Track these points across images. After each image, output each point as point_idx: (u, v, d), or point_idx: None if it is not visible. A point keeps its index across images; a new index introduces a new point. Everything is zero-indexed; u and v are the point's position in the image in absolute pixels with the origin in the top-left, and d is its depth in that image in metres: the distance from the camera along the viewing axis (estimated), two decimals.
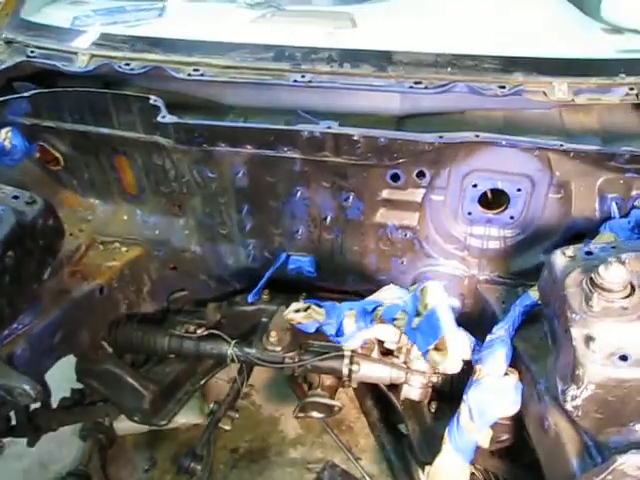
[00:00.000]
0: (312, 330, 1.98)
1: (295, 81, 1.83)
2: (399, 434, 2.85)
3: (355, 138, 1.72)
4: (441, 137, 1.70)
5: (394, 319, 1.90)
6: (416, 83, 1.80)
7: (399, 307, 1.89)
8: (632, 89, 1.81)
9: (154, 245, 2.29)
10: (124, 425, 2.78)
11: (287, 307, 2.28)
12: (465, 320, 2.12)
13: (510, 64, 1.85)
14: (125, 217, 2.30)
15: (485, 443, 1.78)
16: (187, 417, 2.95)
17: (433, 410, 2.27)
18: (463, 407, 1.77)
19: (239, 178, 1.94)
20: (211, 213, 2.10)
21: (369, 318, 1.89)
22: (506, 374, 1.79)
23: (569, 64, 1.88)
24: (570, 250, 1.63)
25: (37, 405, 2.43)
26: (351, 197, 1.92)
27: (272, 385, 3.19)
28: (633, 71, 1.85)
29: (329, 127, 1.72)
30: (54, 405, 2.54)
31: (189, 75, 1.87)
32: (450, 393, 2.17)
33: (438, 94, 1.81)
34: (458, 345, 1.75)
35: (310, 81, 1.83)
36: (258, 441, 3.03)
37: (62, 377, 2.40)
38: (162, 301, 2.47)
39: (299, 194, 1.95)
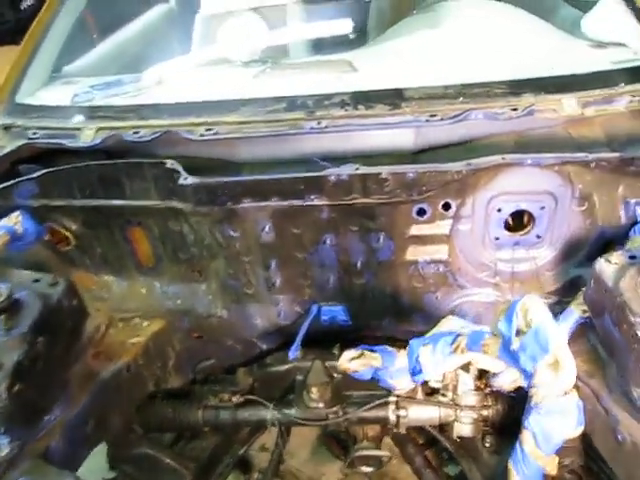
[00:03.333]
0: (368, 377, 1.90)
1: (312, 128, 1.82)
2: (447, 477, 2.73)
3: (383, 176, 1.70)
4: (469, 164, 1.70)
5: (483, 345, 1.78)
6: (432, 116, 1.80)
7: (485, 332, 1.79)
8: (634, 96, 1.85)
9: (177, 315, 2.20)
10: None
11: (322, 361, 2.22)
12: None
13: (519, 86, 1.88)
14: (143, 290, 2.22)
15: (553, 469, 1.72)
16: None
17: (488, 445, 2.19)
18: (526, 434, 1.71)
19: (265, 233, 1.89)
20: (236, 274, 2.04)
21: (448, 350, 1.80)
22: (565, 393, 1.75)
23: (573, 80, 1.92)
24: (614, 257, 1.62)
25: None
26: (381, 238, 1.89)
27: (306, 448, 3.05)
28: (631, 79, 1.90)
29: (357, 168, 1.70)
30: None
31: (201, 135, 1.84)
32: (503, 425, 2.11)
33: (453, 124, 1.81)
34: (571, 361, 1.62)
35: (326, 126, 1.82)
36: None
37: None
38: (188, 373, 2.36)
39: (328, 242, 1.91)
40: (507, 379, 1.94)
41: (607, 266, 1.61)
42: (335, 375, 2.20)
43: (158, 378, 2.23)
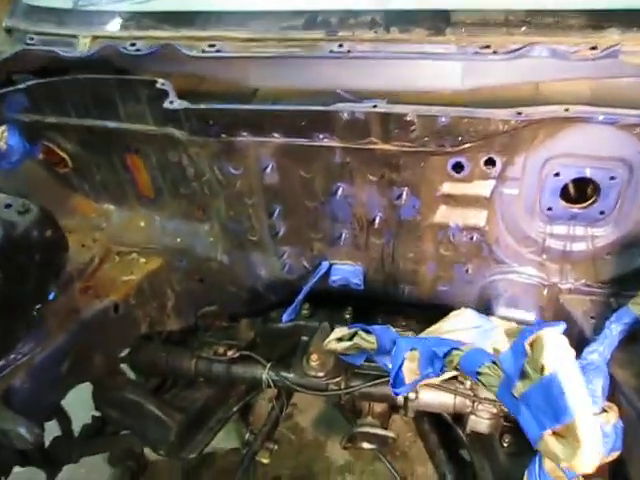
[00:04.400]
0: (360, 362, 1.64)
1: (331, 51, 1.50)
2: (462, 462, 2.48)
3: (408, 118, 1.37)
4: (520, 113, 1.34)
5: (478, 373, 1.44)
6: (483, 48, 1.44)
7: (487, 356, 1.45)
8: None
9: (176, 255, 2.00)
10: None
11: (331, 323, 1.97)
12: None
13: (601, 19, 1.47)
14: (142, 223, 2.02)
15: None
16: (224, 441, 2.66)
17: (506, 444, 1.91)
18: None
19: (267, 174, 1.62)
20: (238, 217, 1.79)
21: (439, 364, 1.49)
22: (603, 410, 1.44)
23: None
24: None
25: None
26: (405, 193, 1.57)
27: (317, 405, 2.86)
28: None
29: (375, 105, 1.37)
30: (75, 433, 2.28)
31: (203, 52, 1.56)
32: None
33: (510, 60, 1.44)
34: (595, 436, 1.22)
35: (349, 51, 1.49)
36: (302, 468, 2.71)
37: (83, 401, 2.15)
38: (189, 317, 2.18)
39: (341, 191, 1.61)
40: None
41: None
42: None
43: (153, 319, 2.06)
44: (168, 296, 2.08)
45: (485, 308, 1.81)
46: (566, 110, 1.35)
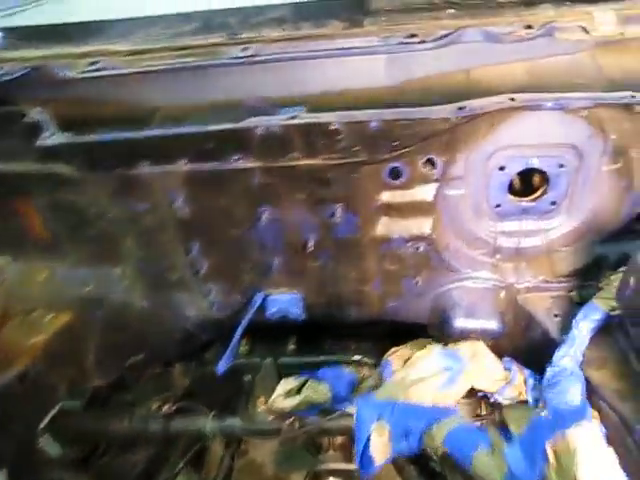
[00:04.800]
0: (313, 415, 1.43)
1: (235, 57, 1.29)
2: (433, 475, 2.32)
3: (334, 127, 1.18)
4: (461, 108, 1.17)
5: (472, 457, 1.22)
6: (408, 37, 1.26)
7: (481, 437, 1.24)
8: None
9: (88, 305, 1.73)
10: None
11: (274, 358, 1.76)
12: (507, 344, 1.63)
13: None
14: (44, 275, 1.73)
15: None
16: None
17: None
18: None
19: (179, 207, 1.39)
20: (152, 256, 1.56)
21: (415, 440, 1.28)
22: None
23: None
24: None
25: None
26: (338, 210, 1.38)
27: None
28: None
29: (293, 116, 1.17)
30: None
31: (83, 72, 1.31)
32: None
33: (440, 49, 1.27)
34: None
35: (255, 54, 1.28)
36: None
37: None
38: (115, 370, 1.91)
39: (266, 216, 1.40)
40: (509, 395, 1.49)
41: None
42: None
43: (73, 381, 1.78)
44: (86, 352, 1.81)
45: (441, 321, 1.64)
46: (512, 100, 1.19)
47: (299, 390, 1.42)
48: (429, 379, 1.27)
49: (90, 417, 1.85)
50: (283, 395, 1.41)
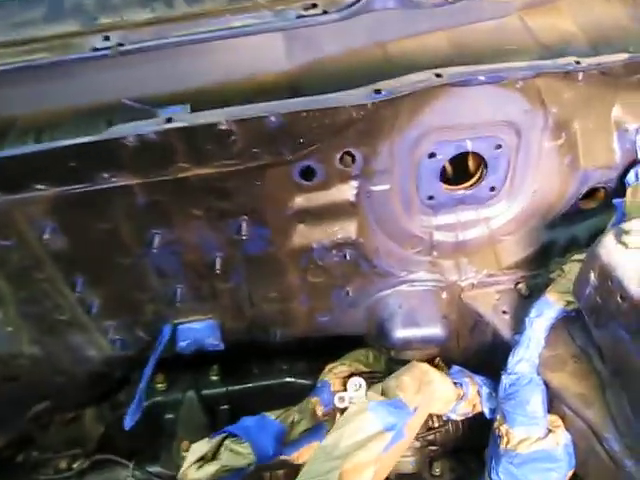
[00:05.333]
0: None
1: (95, 49, 1.03)
2: None
3: (223, 127, 0.94)
4: (379, 91, 0.96)
5: None
6: (308, 8, 1.03)
7: None
8: None
9: None
10: None
11: (196, 391, 1.53)
12: (455, 349, 1.46)
13: None
14: None
15: None
16: None
17: (438, 473, 1.60)
18: None
19: (49, 239, 1.12)
20: (33, 298, 1.28)
21: None
22: (549, 431, 1.15)
23: None
24: (629, 235, 0.96)
25: None
26: (244, 224, 1.15)
27: None
28: None
29: (169, 119, 0.92)
30: None
31: None
32: (456, 446, 1.61)
33: (347, 20, 1.05)
34: None
35: (121, 44, 1.02)
36: None
37: None
38: (16, 425, 1.64)
39: (158, 240, 1.15)
40: (463, 411, 1.33)
41: (617, 250, 0.96)
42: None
43: None
44: None
45: (379, 332, 1.45)
46: (438, 76, 0.99)
47: (215, 454, 1.18)
48: (368, 445, 1.06)
49: None
50: (196, 464, 1.17)
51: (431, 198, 1.30)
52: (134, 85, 1.09)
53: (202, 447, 1.18)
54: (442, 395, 1.26)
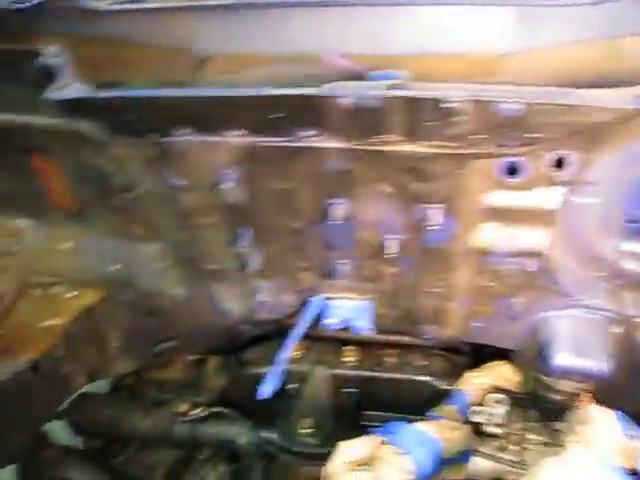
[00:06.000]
0: None
1: None
2: None
3: (453, 105, 0.85)
4: None
5: None
6: None
7: None
8: None
9: (117, 286, 1.47)
10: None
11: (327, 363, 1.49)
12: (613, 392, 1.31)
13: None
14: (69, 245, 1.48)
15: None
16: None
17: None
18: None
19: (227, 187, 1.09)
20: (191, 241, 1.27)
21: None
22: None
23: None
24: None
25: None
26: (435, 212, 1.06)
27: None
28: None
29: (393, 85, 0.84)
30: None
31: (115, 3, 1.00)
32: None
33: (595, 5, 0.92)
34: None
35: None
36: None
37: None
38: (142, 356, 1.67)
39: (339, 209, 1.09)
40: None
41: None
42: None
43: (92, 369, 1.55)
44: (110, 337, 1.57)
45: (537, 354, 1.32)
46: None
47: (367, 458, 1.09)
48: None
49: (109, 410, 1.62)
50: (349, 464, 1.08)
51: (634, 222, 1.15)
52: (354, 40, 1.01)
53: (354, 449, 1.10)
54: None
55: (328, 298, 1.32)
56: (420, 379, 1.52)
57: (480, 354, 1.56)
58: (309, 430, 1.40)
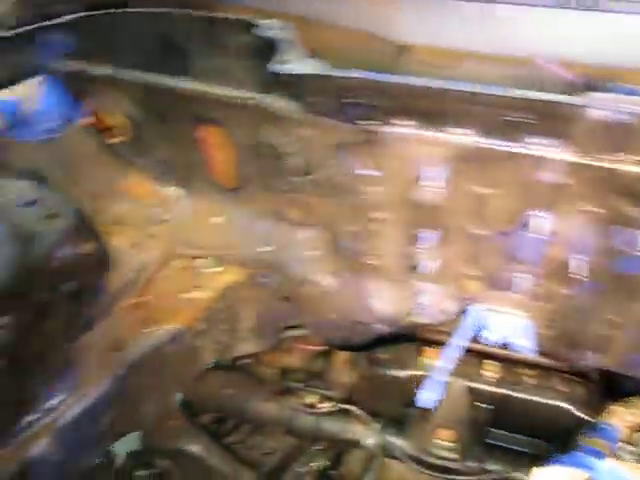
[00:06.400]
0: None
1: None
2: None
3: None
4: None
5: None
6: None
7: None
8: None
9: (262, 267, 1.46)
10: None
11: (466, 376, 1.43)
12: None
13: None
14: (221, 219, 1.47)
15: None
16: None
17: None
18: None
19: (425, 185, 1.04)
20: (358, 233, 1.23)
21: None
22: None
23: None
24: None
25: None
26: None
27: None
28: None
29: None
30: None
31: None
32: None
33: None
34: None
35: None
36: None
37: None
38: (270, 340, 1.66)
39: (540, 222, 1.02)
40: None
41: None
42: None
43: (222, 347, 1.55)
44: (244, 317, 1.56)
45: None
46: None
47: None
48: None
49: (229, 389, 1.62)
50: None
51: None
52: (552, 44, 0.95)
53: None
54: None
55: (490, 310, 1.26)
56: (560, 405, 1.44)
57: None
58: (448, 442, 1.34)
